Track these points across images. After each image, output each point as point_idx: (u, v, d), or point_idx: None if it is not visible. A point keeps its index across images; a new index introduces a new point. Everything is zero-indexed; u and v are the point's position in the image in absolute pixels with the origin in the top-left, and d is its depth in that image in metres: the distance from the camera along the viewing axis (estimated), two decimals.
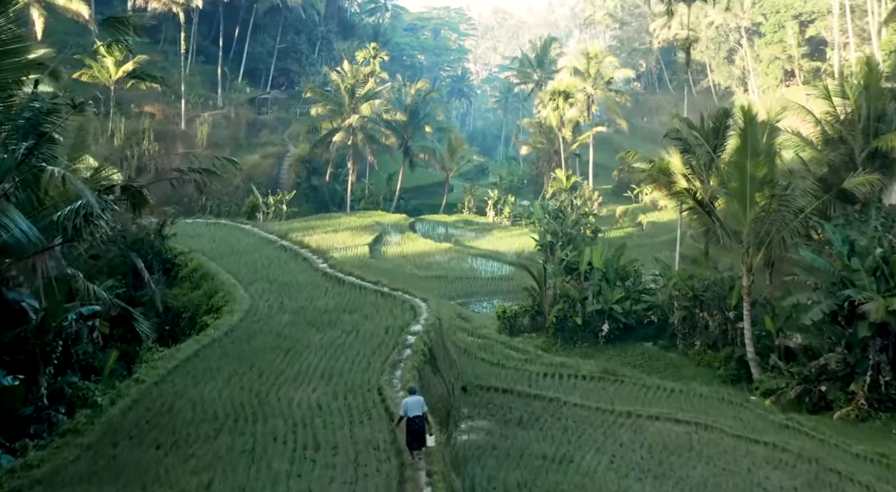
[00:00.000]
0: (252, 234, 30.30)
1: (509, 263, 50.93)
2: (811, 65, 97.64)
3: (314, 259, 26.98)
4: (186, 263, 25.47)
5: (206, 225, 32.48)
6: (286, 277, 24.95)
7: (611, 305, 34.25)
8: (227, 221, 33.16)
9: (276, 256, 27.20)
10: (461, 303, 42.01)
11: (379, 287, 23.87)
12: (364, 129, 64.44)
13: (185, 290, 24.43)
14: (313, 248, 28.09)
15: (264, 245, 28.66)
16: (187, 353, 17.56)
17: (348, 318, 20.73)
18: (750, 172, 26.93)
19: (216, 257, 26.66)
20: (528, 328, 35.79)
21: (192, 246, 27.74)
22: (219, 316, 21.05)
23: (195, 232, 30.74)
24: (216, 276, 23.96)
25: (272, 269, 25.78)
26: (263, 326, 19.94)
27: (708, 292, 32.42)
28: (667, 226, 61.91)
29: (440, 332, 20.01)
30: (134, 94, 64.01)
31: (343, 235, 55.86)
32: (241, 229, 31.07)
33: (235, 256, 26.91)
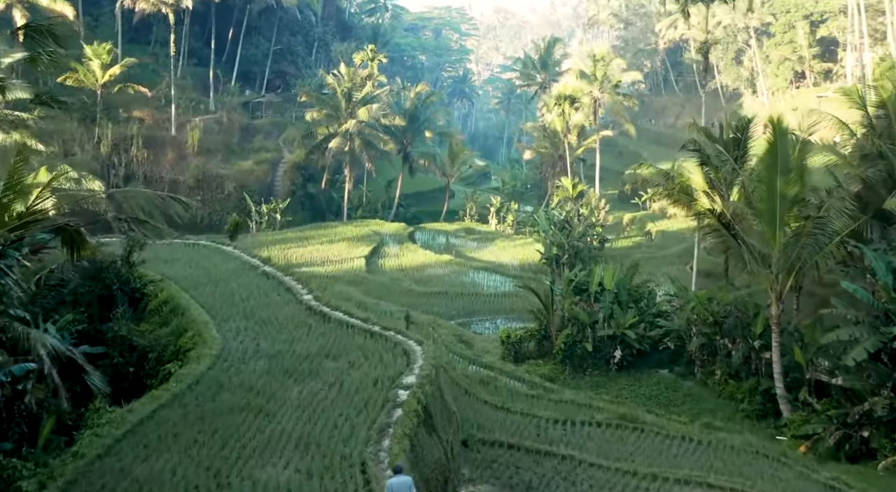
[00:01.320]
0: (233, 257, 27.83)
1: (513, 277, 48.43)
2: (822, 66, 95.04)
3: (298, 289, 24.47)
4: (156, 294, 23.00)
5: (185, 246, 30.01)
6: (265, 311, 22.41)
7: (623, 330, 31.72)
8: (208, 241, 30.64)
9: (257, 286, 24.70)
10: (462, 323, 39.50)
11: (368, 326, 21.35)
12: (361, 134, 61.86)
13: (153, 325, 21.91)
14: (298, 276, 25.55)
15: (245, 272, 26.19)
16: (141, 414, 15.06)
17: (332, 365, 18.22)
18: (780, 190, 24.39)
19: (190, 287, 24.16)
20: (535, 354, 33.27)
21: (166, 272, 25.26)
22: (185, 362, 18.56)
23: (171, 255, 28.28)
24: (187, 310, 21.45)
25: (251, 302, 23.26)
26: (234, 377, 17.44)
27: (730, 318, 29.86)
28: (676, 235, 59.40)
29: (437, 382, 17.52)
30: (122, 98, 61.44)
31: (339, 247, 53.44)
32: (221, 252, 28.61)
33: (212, 286, 24.40)
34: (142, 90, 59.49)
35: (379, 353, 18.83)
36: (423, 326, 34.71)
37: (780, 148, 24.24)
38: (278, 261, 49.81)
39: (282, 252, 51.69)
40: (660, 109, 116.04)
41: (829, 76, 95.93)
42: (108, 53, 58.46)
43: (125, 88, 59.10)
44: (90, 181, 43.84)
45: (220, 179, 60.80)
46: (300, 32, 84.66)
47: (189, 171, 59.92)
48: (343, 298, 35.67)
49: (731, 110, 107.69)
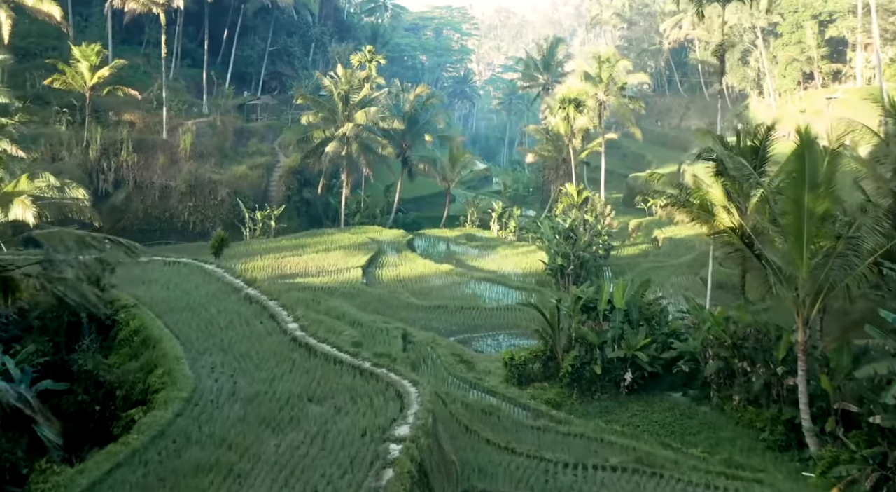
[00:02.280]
0: (216, 278, 25.89)
1: (516, 288, 46.47)
2: (831, 67, 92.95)
3: (283, 317, 22.48)
4: (128, 322, 21.05)
5: (164, 265, 28.06)
6: (246, 343, 20.44)
7: (634, 352, 29.73)
8: (189, 259, 28.71)
9: (238, 312, 22.72)
10: (462, 339, 37.55)
11: (358, 362, 19.38)
12: (359, 138, 59.89)
13: (122, 357, 19.95)
14: (283, 301, 23.58)
15: (227, 295, 24.23)
16: (94, 476, 13.14)
17: (316, 411, 16.29)
18: (808, 206, 22.39)
19: (165, 313, 22.21)
20: (540, 376, 31.29)
21: (141, 296, 23.34)
22: (151, 407, 16.64)
23: (148, 276, 26.35)
24: (159, 342, 19.49)
25: (230, 332, 21.27)
26: (204, 426, 15.51)
27: (749, 340, 27.88)
28: (685, 243, 57.35)
29: (435, 431, 15.58)
30: (112, 101, 59.49)
31: (335, 255, 51.49)
32: (203, 272, 26.67)
33: (189, 312, 22.44)
34: (132, 93, 57.55)
35: (369, 395, 16.90)
36: (421, 345, 32.85)
37: (808, 160, 22.25)
38: (272, 271, 48.75)
39: (276, 261, 49.88)
40: (664, 110, 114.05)
41: (837, 77, 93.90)
42: (98, 55, 56.51)
43: (115, 91, 57.18)
44: (74, 189, 41.77)
45: (212, 185, 58.87)
46: (297, 33, 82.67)
47: (181, 176, 58.01)
48: (336, 316, 33.92)
49: (738, 112, 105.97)
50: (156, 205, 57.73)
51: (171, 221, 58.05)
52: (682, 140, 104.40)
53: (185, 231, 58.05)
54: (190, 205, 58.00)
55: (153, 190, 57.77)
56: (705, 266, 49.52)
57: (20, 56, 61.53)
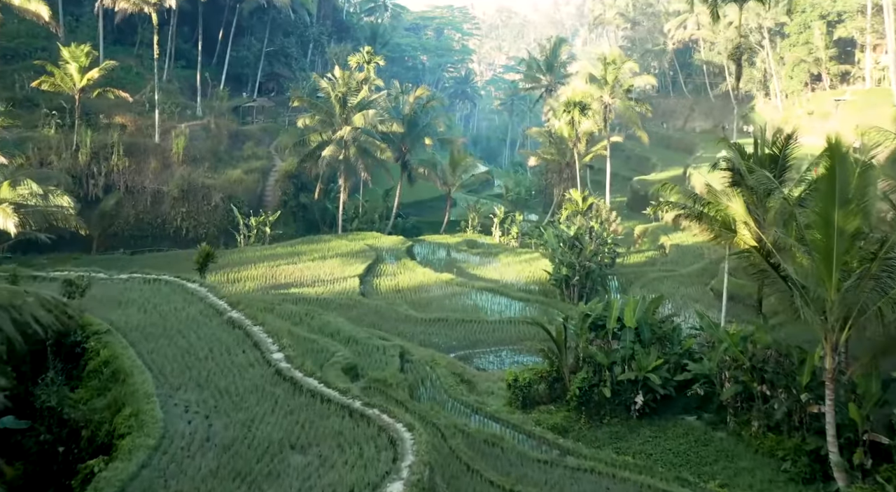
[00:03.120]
0: (198, 299, 24.10)
1: (519, 300, 44.72)
2: (839, 68, 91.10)
3: (268, 345, 20.70)
4: (98, 351, 19.28)
5: (144, 283, 26.25)
6: (225, 377, 18.65)
7: (646, 374, 27.96)
8: (171, 276, 26.93)
9: (219, 340, 20.94)
10: (463, 356, 35.78)
11: (348, 400, 17.60)
12: (357, 142, 58.14)
13: (90, 392, 18.12)
14: (269, 326, 21.76)
15: (208, 319, 22.45)
16: None
17: (298, 462, 14.52)
18: (838, 224, 20.60)
19: (140, 340, 20.43)
20: (546, 398, 29.53)
21: (115, 320, 21.56)
22: (114, 456, 14.85)
23: (126, 295, 24.57)
24: (130, 376, 17.70)
25: (209, 363, 19.51)
26: (171, 481, 13.77)
27: (769, 363, 26.10)
28: (692, 250, 55.62)
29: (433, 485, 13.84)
30: (103, 103, 57.84)
31: (332, 264, 49.79)
32: (185, 291, 24.92)
33: (165, 339, 20.66)
34: (122, 95, 55.91)
35: (359, 443, 15.15)
36: (419, 364, 31.09)
37: (838, 174, 20.46)
38: (266, 281, 47.02)
39: (270, 270, 48.19)
40: (668, 112, 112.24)
41: (845, 78, 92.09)
42: (87, 56, 54.87)
43: (105, 93, 55.52)
44: (58, 197, 40.26)
45: (206, 190, 57.18)
46: (294, 33, 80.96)
47: (173, 181, 56.34)
48: (330, 333, 32.20)
49: (743, 113, 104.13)
50: (147, 211, 56.05)
51: (163, 228, 56.37)
52: (687, 142, 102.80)
53: (178, 237, 56.37)
54: (183, 211, 56.31)
55: (145, 195, 56.10)
56: (715, 276, 47.88)
57: (8, 57, 60.01)
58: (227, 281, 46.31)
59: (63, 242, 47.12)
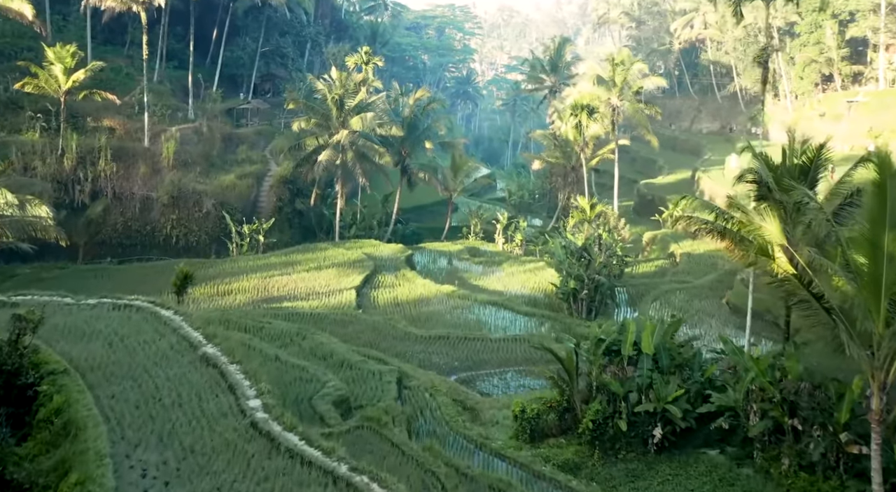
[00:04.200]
0: (171, 330, 21.74)
1: (524, 314, 42.37)
2: (851, 69, 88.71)
3: (244, 388, 18.34)
4: (51, 396, 16.93)
5: (113, 310, 23.91)
6: (192, 431, 16.29)
7: (665, 405, 25.63)
8: (144, 301, 24.59)
9: (190, 382, 18.61)
10: (465, 379, 33.46)
11: (332, 463, 15.29)
12: (354, 146, 55.78)
13: (39, 446, 15.73)
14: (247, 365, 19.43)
15: (179, 356, 20.12)
16: None
17: None
18: (888, 249, 18.26)
19: (100, 382, 18.09)
20: (555, 429, 27.20)
21: (76, 355, 19.24)
22: None
23: (91, 325, 22.23)
24: (83, 430, 15.33)
25: (175, 412, 17.17)
26: None
27: (803, 396, 23.75)
28: (705, 259, 53.30)
29: None
30: (90, 105, 55.63)
31: (327, 274, 47.49)
32: (157, 321, 22.58)
33: (130, 381, 18.32)
34: (110, 97, 53.66)
35: None
36: (418, 392, 28.79)
37: (889, 192, 18.13)
38: (258, 294, 44.64)
39: (263, 282, 45.93)
40: (674, 113, 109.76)
41: (857, 79, 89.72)
42: (73, 56, 52.67)
43: (92, 95, 53.27)
44: (36, 207, 37.90)
45: (197, 196, 54.90)
46: (290, 32, 78.53)
47: (163, 186, 54.05)
48: (323, 355, 30.01)
49: (752, 114, 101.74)
50: (136, 218, 53.86)
51: (152, 235, 54.15)
52: (694, 143, 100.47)
53: (168, 246, 54.21)
54: (173, 218, 54.09)
55: (133, 202, 53.89)
56: (731, 288, 45.56)
57: None
58: (217, 294, 44.20)
59: (48, 251, 45.17)
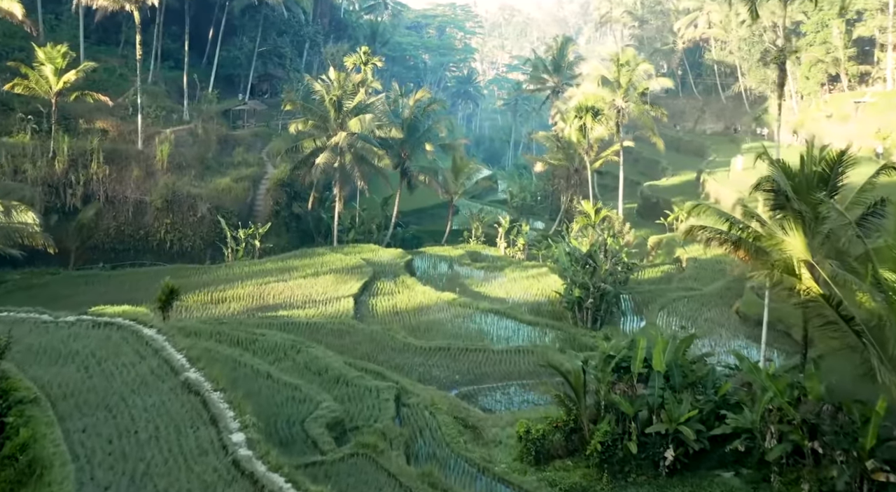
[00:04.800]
0: (153, 351, 20.35)
1: (528, 323, 41.01)
2: (858, 69, 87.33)
3: (227, 419, 16.94)
4: (18, 429, 15.56)
5: (92, 329, 22.52)
6: (168, 472, 14.86)
7: (677, 426, 24.29)
8: (127, 319, 23.23)
9: (169, 412, 17.24)
10: (467, 393, 32.15)
11: None
12: (353, 148, 54.46)
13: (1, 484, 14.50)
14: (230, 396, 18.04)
15: (160, 381, 18.76)
16: None
17: None
18: None
19: (72, 413, 16.71)
20: (562, 451, 25.89)
21: (49, 380, 17.89)
22: None
23: (69, 345, 20.87)
24: (48, 470, 13.91)
25: (151, 448, 15.76)
26: None
27: (825, 419, 22.44)
28: (711, 265, 51.93)
29: None
30: (83, 107, 54.36)
31: (325, 281, 46.21)
32: (139, 341, 21.22)
33: (104, 412, 16.95)
34: (102, 98, 52.31)
35: None
36: (417, 409, 27.46)
37: None
38: (253, 301, 43.30)
39: (258, 289, 44.66)
40: (678, 113, 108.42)
41: (864, 79, 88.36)
42: (64, 57, 51.37)
43: (83, 96, 51.94)
44: (21, 213, 36.72)
45: (192, 200, 53.60)
46: (288, 32, 77.11)
47: (156, 190, 52.73)
48: (317, 370, 28.74)
49: (756, 115, 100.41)
50: (129, 222, 52.59)
51: (145, 240, 52.87)
52: (698, 144, 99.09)
53: (162, 251, 52.97)
54: (167, 222, 52.81)
55: (126, 205, 52.62)
56: (740, 296, 44.15)
57: None
58: (211, 301, 42.97)
59: (39, 256, 43.95)
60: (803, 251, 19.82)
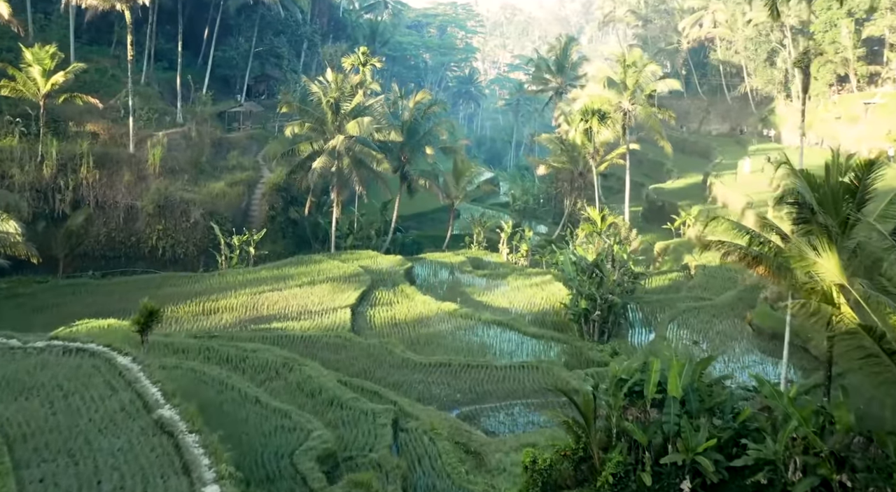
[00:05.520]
0: (126, 383, 18.53)
1: (532, 336, 39.38)
2: (867, 69, 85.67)
3: (202, 468, 15.09)
4: None
5: (63, 355, 20.77)
6: None
7: (695, 456, 22.58)
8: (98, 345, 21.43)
9: (137, 458, 15.45)
10: (469, 414, 30.54)
11: None
12: (351, 152, 52.80)
13: None
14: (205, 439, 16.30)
15: (131, 419, 17.01)
16: None
17: None
18: None
19: (31, 458, 14.99)
20: (570, 480, 24.14)
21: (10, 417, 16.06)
22: None
23: (35, 376, 19.02)
24: None
25: None
26: None
27: (855, 451, 20.76)
28: (721, 273, 50.28)
29: None
30: (72, 109, 52.68)
31: (321, 290, 44.60)
32: (111, 370, 19.37)
33: (65, 458, 15.25)
34: (91, 100, 50.63)
35: None
36: (416, 435, 25.84)
37: None
38: (246, 312, 41.62)
39: (252, 299, 43.09)
40: (682, 114, 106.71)
41: (873, 80, 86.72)
42: (52, 57, 49.73)
43: (72, 99, 50.28)
44: (3, 222, 35.36)
45: (184, 205, 51.98)
46: (285, 32, 75.39)
47: (148, 195, 51.07)
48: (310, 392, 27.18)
49: (762, 116, 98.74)
50: (120, 228, 51.02)
51: (137, 247, 51.29)
52: (703, 146, 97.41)
53: (154, 258, 51.42)
54: (159, 228, 51.21)
55: (117, 211, 51.03)
56: (753, 307, 42.43)
57: None
58: (202, 312, 41.44)
59: (26, 264, 42.47)
60: (838, 274, 18.12)
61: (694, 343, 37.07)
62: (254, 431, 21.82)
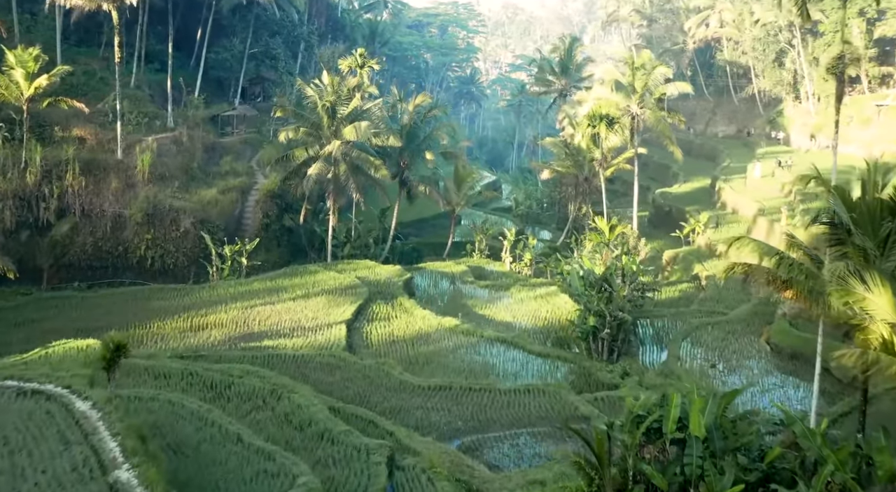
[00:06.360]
0: (82, 434, 16.12)
1: (538, 355, 37.24)
2: (879, 70, 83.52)
3: None
4: None
5: (16, 398, 18.48)
6: None
7: None
8: (56, 387, 19.38)
9: None
10: (471, 445, 28.36)
11: None
12: (348, 157, 50.71)
13: None
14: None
15: (80, 485, 14.64)
16: None
17: None
18: None
19: None
20: None
21: None
22: None
23: None
24: None
25: None
26: None
27: None
28: (734, 284, 47.86)
29: None
30: (58, 114, 50.62)
31: (316, 304, 42.57)
32: (68, 418, 17.03)
33: None
34: (76, 104, 48.55)
35: None
36: (413, 474, 23.69)
37: None
38: (236, 328, 39.45)
39: (243, 313, 41.01)
40: (688, 115, 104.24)
41: (885, 81, 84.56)
42: (36, 60, 47.59)
43: (57, 103, 48.21)
44: None
45: (174, 213, 49.85)
46: (281, 32, 73.25)
47: (136, 203, 48.99)
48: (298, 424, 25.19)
49: (770, 118, 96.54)
50: (107, 237, 48.87)
51: (125, 257, 49.18)
52: (710, 148, 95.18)
53: (142, 268, 49.30)
54: (147, 238, 49.08)
55: (104, 220, 48.91)
56: (770, 322, 40.25)
57: None
58: (190, 329, 39.36)
59: None
60: (891, 312, 16.00)
61: (711, 366, 34.95)
62: (233, 476, 19.77)
